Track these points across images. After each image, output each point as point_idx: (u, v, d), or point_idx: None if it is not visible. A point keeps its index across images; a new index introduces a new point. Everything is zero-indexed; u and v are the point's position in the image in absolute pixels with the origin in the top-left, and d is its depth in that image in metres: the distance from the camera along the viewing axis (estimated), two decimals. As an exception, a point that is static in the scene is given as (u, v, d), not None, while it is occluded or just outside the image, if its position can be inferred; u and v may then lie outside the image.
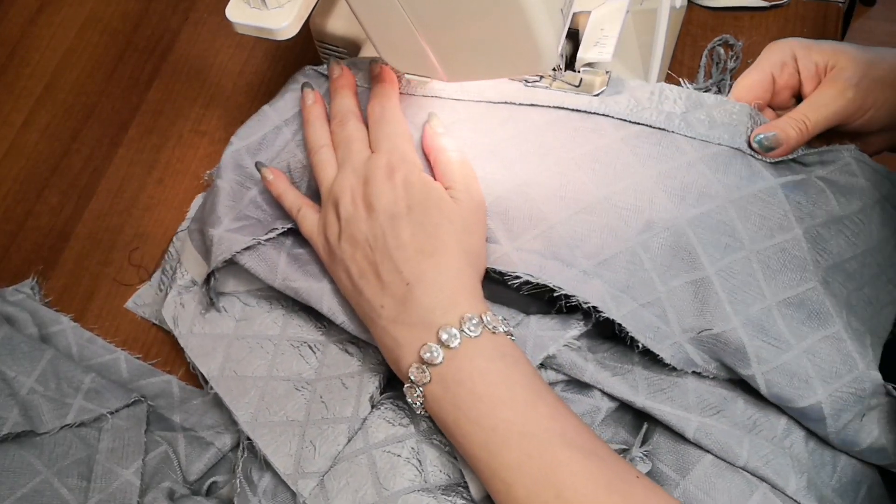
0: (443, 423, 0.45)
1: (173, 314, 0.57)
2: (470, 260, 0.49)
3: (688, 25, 0.69)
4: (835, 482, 0.48)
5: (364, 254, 0.49)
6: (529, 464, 0.41)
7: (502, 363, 0.45)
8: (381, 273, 0.48)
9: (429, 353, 0.45)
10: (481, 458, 0.43)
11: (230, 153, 0.58)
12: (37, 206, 0.68)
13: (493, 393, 0.43)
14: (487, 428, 0.43)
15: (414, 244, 0.48)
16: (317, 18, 0.63)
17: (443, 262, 0.47)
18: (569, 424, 0.43)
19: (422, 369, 0.45)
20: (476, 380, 0.44)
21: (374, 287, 0.48)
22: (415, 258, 0.47)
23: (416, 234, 0.48)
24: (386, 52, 0.51)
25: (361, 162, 0.51)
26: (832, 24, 0.68)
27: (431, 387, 0.45)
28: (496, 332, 0.46)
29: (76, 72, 0.74)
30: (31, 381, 0.55)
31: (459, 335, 0.45)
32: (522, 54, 0.46)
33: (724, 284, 0.47)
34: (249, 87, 0.72)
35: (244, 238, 0.53)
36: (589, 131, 0.52)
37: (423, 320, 0.46)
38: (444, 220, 0.49)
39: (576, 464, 0.41)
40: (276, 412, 0.52)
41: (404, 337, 0.46)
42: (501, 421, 0.43)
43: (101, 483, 0.52)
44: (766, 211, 0.48)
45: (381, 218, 0.49)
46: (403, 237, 0.48)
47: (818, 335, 0.47)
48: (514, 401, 0.43)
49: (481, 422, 0.43)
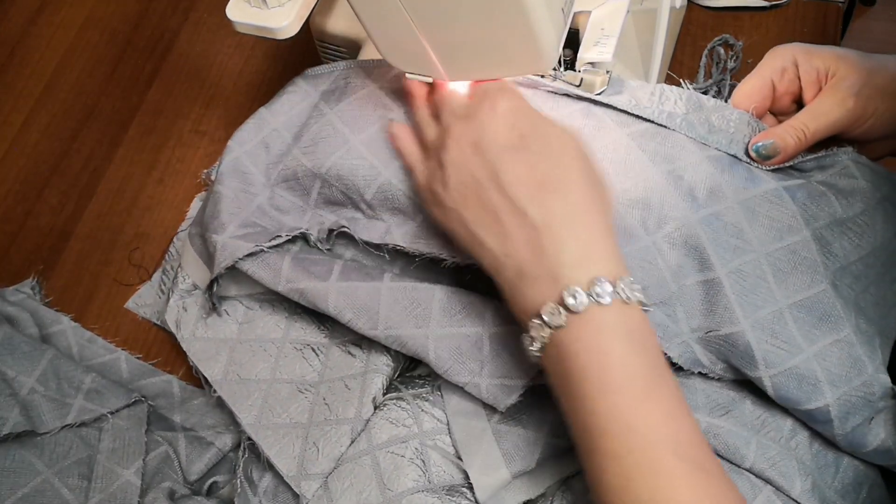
0: (550, 383, 0.42)
1: (176, 318, 0.57)
2: (599, 194, 0.44)
3: (688, 25, 0.69)
4: (837, 483, 0.48)
5: (478, 197, 0.44)
6: (629, 460, 0.38)
7: (625, 343, 0.40)
8: (501, 216, 0.43)
9: (550, 314, 0.40)
10: (581, 435, 0.40)
11: (230, 160, 0.57)
12: (37, 206, 0.68)
13: (607, 376, 0.39)
14: (592, 410, 0.39)
15: (534, 177, 0.43)
16: (317, 18, 0.63)
17: (571, 198, 0.42)
18: (683, 430, 0.39)
19: (542, 327, 0.41)
20: (592, 357, 0.40)
21: (495, 234, 0.43)
22: (538, 195, 0.42)
23: (536, 164, 0.43)
24: (387, 52, 0.51)
25: (461, 105, 0.47)
26: (832, 24, 0.68)
27: (548, 348, 0.41)
28: (629, 301, 0.41)
29: (76, 72, 0.74)
30: (32, 381, 0.55)
31: (587, 300, 0.40)
32: (523, 54, 0.46)
33: (734, 286, 0.47)
34: (249, 87, 0.72)
35: (248, 244, 0.53)
36: (593, 128, 0.52)
37: (550, 274, 0.41)
38: (564, 147, 0.44)
39: (680, 475, 0.38)
40: (279, 414, 0.52)
41: (528, 291, 0.42)
42: (610, 407, 0.39)
43: (101, 483, 0.52)
44: (773, 212, 0.48)
45: (492, 153, 0.44)
46: (520, 170, 0.43)
47: (829, 339, 0.47)
48: (629, 390, 0.39)
49: (587, 402, 0.39)
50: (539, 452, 0.48)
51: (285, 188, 0.56)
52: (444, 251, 0.50)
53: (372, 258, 0.55)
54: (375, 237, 0.53)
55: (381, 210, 0.53)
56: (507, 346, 0.49)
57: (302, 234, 0.54)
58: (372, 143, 0.53)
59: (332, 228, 0.54)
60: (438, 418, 0.50)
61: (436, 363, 0.49)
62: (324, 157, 0.54)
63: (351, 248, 0.55)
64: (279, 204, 0.56)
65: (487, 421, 0.50)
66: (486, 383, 0.48)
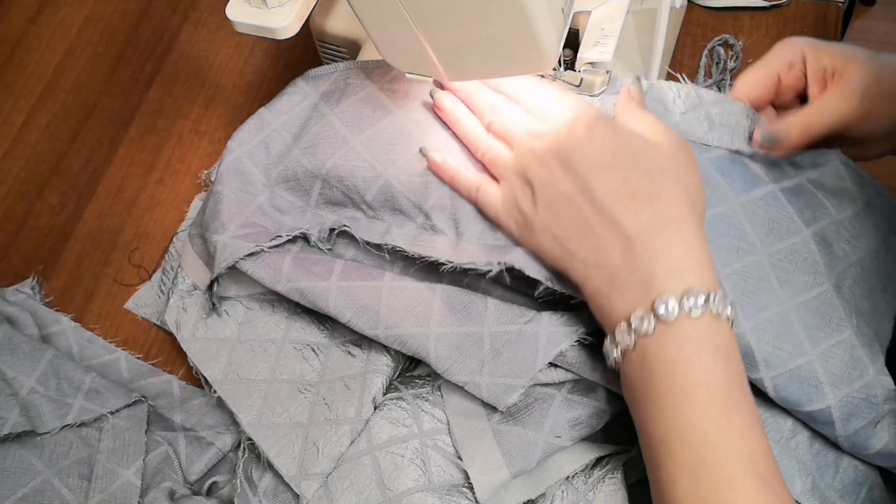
0: (628, 389, 0.43)
1: (176, 319, 0.57)
2: (692, 200, 0.44)
3: (688, 25, 0.69)
4: (837, 483, 0.48)
5: (570, 213, 0.44)
6: (702, 473, 0.39)
7: (711, 358, 0.40)
8: (595, 228, 0.43)
9: (639, 321, 0.41)
10: (655, 443, 0.40)
11: (231, 161, 0.57)
12: (37, 206, 0.68)
13: (690, 389, 0.40)
14: (671, 420, 0.40)
15: (627, 190, 0.43)
16: (317, 18, 0.63)
17: (664, 208, 0.43)
18: (757, 447, 0.39)
19: (629, 332, 0.41)
20: (676, 368, 0.40)
21: (587, 247, 0.44)
22: (631, 205, 0.43)
23: (628, 178, 0.44)
24: (386, 52, 0.51)
25: (537, 126, 0.48)
26: (832, 24, 0.68)
27: (631, 353, 0.42)
28: (719, 316, 0.41)
29: (76, 72, 0.74)
30: (32, 382, 0.55)
31: (678, 310, 0.40)
32: (523, 54, 0.46)
33: (736, 288, 0.47)
34: (249, 87, 0.72)
35: (248, 245, 0.53)
36: None
37: (642, 282, 0.42)
38: (655, 158, 0.45)
39: (750, 492, 0.38)
40: (279, 414, 0.52)
41: (618, 298, 0.42)
42: (688, 418, 0.39)
43: (101, 483, 0.52)
44: (772, 214, 0.48)
45: (583, 169, 0.44)
46: (612, 184, 0.44)
47: (832, 340, 0.47)
48: (710, 404, 0.40)
49: (666, 411, 0.40)
50: (539, 452, 0.48)
51: (285, 188, 0.56)
52: (444, 254, 0.50)
53: (372, 258, 0.55)
54: (376, 237, 0.53)
55: (382, 211, 0.53)
56: (507, 346, 0.49)
57: (302, 234, 0.54)
58: (372, 145, 0.53)
59: (333, 228, 0.54)
60: (438, 418, 0.50)
61: (436, 362, 0.49)
62: (324, 158, 0.54)
63: (352, 247, 0.55)
64: (279, 204, 0.56)
65: (487, 421, 0.50)
66: (487, 382, 0.48)
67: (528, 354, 0.48)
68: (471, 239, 0.51)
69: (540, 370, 0.48)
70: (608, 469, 0.48)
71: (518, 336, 0.49)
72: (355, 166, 0.53)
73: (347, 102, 0.55)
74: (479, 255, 0.50)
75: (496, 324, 0.50)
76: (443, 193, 0.52)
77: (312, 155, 0.55)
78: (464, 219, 0.51)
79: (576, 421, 0.49)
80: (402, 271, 0.54)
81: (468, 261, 0.49)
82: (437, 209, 0.52)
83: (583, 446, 0.49)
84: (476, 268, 0.49)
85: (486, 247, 0.51)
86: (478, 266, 0.49)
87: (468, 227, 0.51)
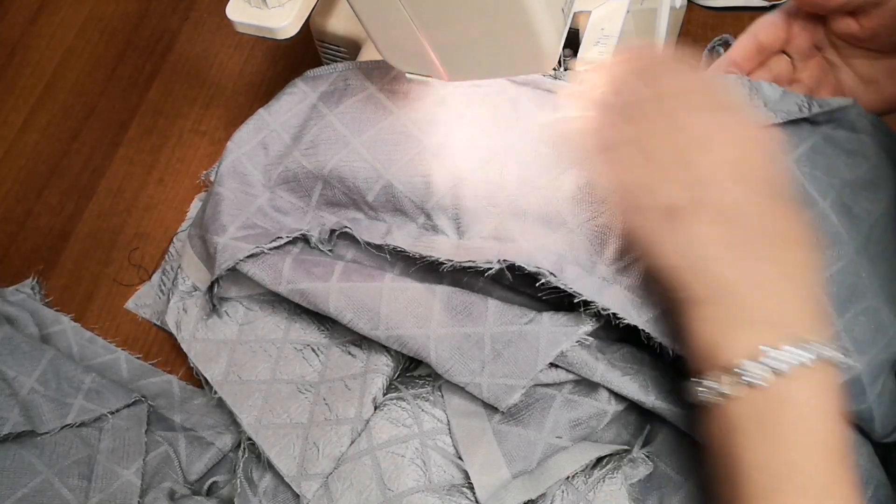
0: (719, 436, 0.39)
1: (176, 320, 0.57)
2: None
3: (688, 25, 0.69)
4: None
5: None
6: None
7: (819, 404, 0.38)
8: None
9: (745, 370, 0.37)
10: (748, 490, 0.37)
11: (230, 162, 0.57)
12: (37, 206, 0.68)
13: (798, 438, 0.37)
14: (774, 470, 0.37)
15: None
16: (317, 18, 0.63)
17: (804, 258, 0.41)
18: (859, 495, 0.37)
19: (732, 382, 0.38)
20: (787, 421, 0.37)
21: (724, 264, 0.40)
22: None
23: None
24: (386, 52, 0.50)
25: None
26: (832, 23, 0.68)
27: (733, 404, 0.38)
28: (830, 362, 0.38)
29: (76, 72, 0.74)
30: (32, 381, 0.55)
31: (792, 360, 0.37)
32: (524, 54, 0.46)
33: None
34: (249, 87, 0.72)
35: (248, 246, 0.53)
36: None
37: (747, 323, 0.39)
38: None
39: None
40: (279, 415, 0.52)
41: (718, 340, 0.39)
42: (795, 471, 0.37)
43: (101, 483, 0.52)
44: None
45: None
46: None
47: (857, 307, 0.46)
48: (816, 451, 0.37)
49: (771, 461, 0.37)
50: (540, 453, 0.48)
51: (286, 189, 0.56)
52: (444, 254, 0.50)
53: (373, 259, 0.55)
54: (377, 238, 0.53)
55: (383, 211, 0.53)
56: (508, 346, 0.49)
57: (303, 236, 0.54)
58: (373, 145, 0.53)
59: (334, 229, 0.54)
60: (439, 418, 0.50)
61: (437, 363, 0.49)
62: (325, 160, 0.54)
63: (352, 248, 0.55)
64: (280, 205, 0.56)
65: (488, 421, 0.50)
66: (487, 383, 0.48)
67: (528, 355, 0.48)
68: (472, 238, 0.51)
69: (541, 370, 0.48)
70: (608, 469, 0.48)
71: (519, 336, 0.48)
72: (357, 167, 0.53)
73: (347, 104, 0.55)
74: (478, 253, 0.50)
75: (497, 324, 0.50)
76: (444, 194, 0.52)
77: (313, 156, 0.55)
78: (465, 219, 0.51)
79: (576, 421, 0.49)
80: (403, 272, 0.54)
81: (468, 259, 0.49)
82: (439, 209, 0.52)
83: (583, 446, 0.49)
84: (475, 266, 0.49)
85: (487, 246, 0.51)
86: (477, 264, 0.49)
87: (469, 227, 0.51)
